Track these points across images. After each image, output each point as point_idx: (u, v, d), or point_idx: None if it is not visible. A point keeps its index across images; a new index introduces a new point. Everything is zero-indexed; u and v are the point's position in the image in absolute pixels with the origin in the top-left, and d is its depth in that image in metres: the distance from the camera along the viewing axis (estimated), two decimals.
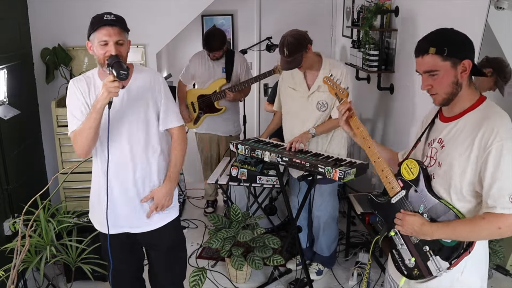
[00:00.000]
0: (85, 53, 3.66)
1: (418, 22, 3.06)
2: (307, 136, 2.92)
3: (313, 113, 2.98)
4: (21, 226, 2.33)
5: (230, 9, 4.99)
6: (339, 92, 2.01)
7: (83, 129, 1.95)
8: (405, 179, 1.73)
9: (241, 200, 3.63)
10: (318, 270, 3.30)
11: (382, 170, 1.78)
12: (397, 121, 3.48)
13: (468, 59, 1.57)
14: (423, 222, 1.64)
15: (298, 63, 2.85)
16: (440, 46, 1.56)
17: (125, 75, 1.82)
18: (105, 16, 1.94)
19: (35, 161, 3.64)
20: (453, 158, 1.59)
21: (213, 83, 3.91)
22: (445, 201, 1.64)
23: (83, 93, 2.03)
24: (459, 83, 1.59)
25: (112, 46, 1.91)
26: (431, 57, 1.58)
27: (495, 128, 1.50)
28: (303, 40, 2.85)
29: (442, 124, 1.69)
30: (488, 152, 1.50)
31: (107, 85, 1.83)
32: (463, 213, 1.62)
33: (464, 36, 1.61)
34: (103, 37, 1.91)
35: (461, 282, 1.64)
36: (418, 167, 1.70)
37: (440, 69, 1.58)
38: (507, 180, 1.49)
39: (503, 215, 1.49)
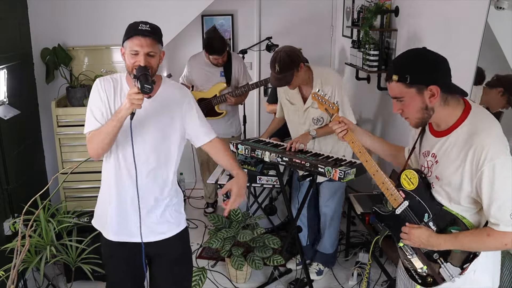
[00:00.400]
0: (85, 53, 3.66)
1: (418, 22, 3.06)
2: (308, 137, 2.92)
3: (311, 127, 3.01)
4: (21, 226, 2.33)
5: (230, 9, 4.98)
6: (329, 108, 2.01)
7: (101, 133, 1.91)
8: (406, 190, 1.72)
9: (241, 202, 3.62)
10: (318, 270, 3.30)
11: (382, 183, 1.78)
12: (397, 121, 3.47)
13: (435, 85, 1.52)
14: (430, 234, 1.64)
15: (287, 81, 2.80)
16: (402, 74, 1.53)
17: (149, 89, 1.77)
18: (140, 26, 1.89)
19: (35, 161, 3.64)
20: (448, 175, 1.59)
21: (213, 87, 3.91)
22: (447, 208, 1.64)
23: (108, 95, 1.98)
24: (428, 107, 1.56)
25: (142, 57, 1.86)
26: (395, 84, 1.56)
27: (485, 146, 1.48)
28: (296, 58, 2.79)
29: (433, 138, 1.67)
30: (480, 173, 1.49)
31: (131, 96, 1.79)
32: (467, 219, 1.62)
33: (433, 59, 1.56)
34: (135, 47, 1.87)
35: (473, 281, 1.64)
36: (417, 177, 1.69)
37: (405, 95, 1.56)
38: (504, 198, 1.48)
39: (506, 232, 1.50)
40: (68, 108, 3.44)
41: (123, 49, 1.94)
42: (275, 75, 2.80)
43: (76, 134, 3.39)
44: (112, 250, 2.13)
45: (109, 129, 1.88)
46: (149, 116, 1.99)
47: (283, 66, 2.75)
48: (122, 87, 2.01)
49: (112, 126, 1.87)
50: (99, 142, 1.92)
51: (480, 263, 1.63)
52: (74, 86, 3.50)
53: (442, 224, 1.64)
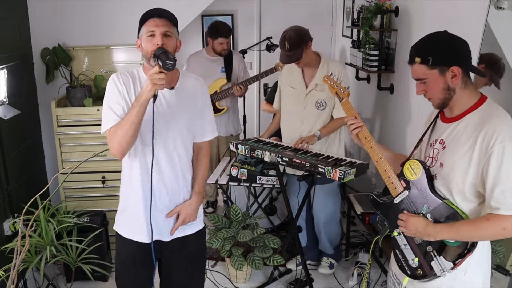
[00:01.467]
0: (85, 53, 3.66)
1: (418, 22, 3.06)
2: (313, 138, 2.95)
3: (312, 112, 3.00)
4: (21, 226, 2.32)
5: (230, 9, 4.98)
6: (340, 92, 2.00)
7: (123, 124, 1.80)
8: (408, 179, 1.73)
9: (241, 200, 3.63)
10: (330, 263, 3.33)
11: (384, 170, 1.78)
12: (397, 121, 3.47)
13: (457, 65, 1.57)
14: (427, 223, 1.64)
15: (298, 57, 2.88)
16: (424, 56, 1.59)
17: (172, 65, 1.71)
18: (153, 11, 1.86)
19: (35, 161, 3.63)
20: (455, 160, 1.60)
21: (214, 83, 3.90)
22: (448, 201, 1.64)
23: (127, 87, 1.89)
24: (450, 88, 1.60)
25: (159, 37, 1.80)
26: (418, 66, 1.61)
27: (496, 129, 1.50)
28: (305, 36, 2.89)
29: (444, 125, 1.69)
30: (489, 154, 1.50)
31: (152, 76, 1.71)
32: (466, 213, 1.62)
33: (453, 41, 1.61)
34: (151, 28, 1.82)
35: (464, 281, 1.64)
36: (421, 167, 1.70)
37: (428, 77, 1.61)
38: (509, 181, 1.49)
39: (507, 216, 1.50)
40: (68, 108, 3.44)
41: (138, 41, 1.89)
42: (286, 52, 2.88)
43: (76, 134, 3.39)
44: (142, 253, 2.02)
45: (132, 117, 1.77)
46: (173, 108, 1.93)
47: (293, 43, 2.85)
48: (140, 79, 1.94)
49: (135, 113, 1.76)
50: (122, 136, 1.80)
51: (471, 264, 1.63)
52: (74, 86, 3.50)
53: (439, 217, 1.65)
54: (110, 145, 1.87)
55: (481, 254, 1.65)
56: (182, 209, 2.05)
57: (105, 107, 1.90)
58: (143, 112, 1.78)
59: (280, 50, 2.94)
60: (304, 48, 2.88)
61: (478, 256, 1.63)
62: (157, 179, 1.94)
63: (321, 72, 2.94)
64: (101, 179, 3.39)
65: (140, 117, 1.78)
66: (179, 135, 1.97)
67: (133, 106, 1.79)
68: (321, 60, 3.01)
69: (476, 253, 1.62)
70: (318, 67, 2.98)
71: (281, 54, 2.94)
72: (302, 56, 2.88)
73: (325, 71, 2.92)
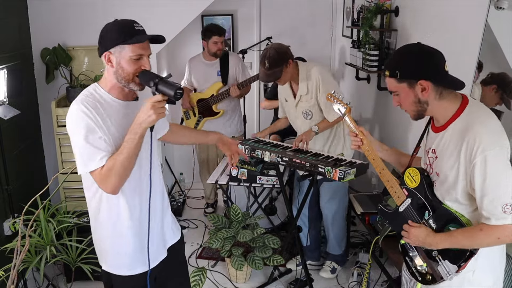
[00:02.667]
0: (85, 53, 3.66)
1: (418, 22, 3.06)
2: (311, 133, 2.96)
3: (303, 122, 3.07)
4: (21, 226, 2.33)
5: (230, 9, 4.98)
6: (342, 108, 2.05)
7: (121, 160, 1.60)
8: (409, 187, 1.75)
9: (241, 200, 3.63)
10: (332, 268, 3.32)
11: (387, 181, 1.81)
12: (397, 121, 3.47)
13: (424, 79, 1.56)
14: (427, 234, 1.66)
15: (276, 77, 2.89)
16: (392, 70, 1.60)
17: (181, 94, 1.55)
18: (136, 26, 1.64)
19: (35, 161, 3.64)
20: (446, 170, 1.61)
21: (211, 87, 3.92)
22: (447, 205, 1.65)
23: (99, 116, 1.65)
24: (422, 101, 1.61)
25: (147, 60, 1.65)
26: (389, 80, 1.64)
27: (476, 138, 1.49)
28: (285, 55, 2.88)
29: (434, 134, 1.70)
30: (473, 165, 1.50)
31: (155, 106, 1.54)
32: (466, 217, 1.63)
33: (422, 54, 1.60)
34: (139, 51, 1.62)
35: (472, 282, 1.65)
36: (419, 175, 1.72)
37: (398, 90, 1.63)
38: (496, 191, 1.49)
39: (499, 226, 1.50)
40: (68, 108, 3.43)
41: (109, 54, 1.64)
42: (265, 70, 2.87)
43: None
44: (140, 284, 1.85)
45: (131, 151, 1.59)
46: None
47: (272, 62, 2.83)
48: (104, 100, 1.70)
49: (134, 146, 1.59)
50: (122, 171, 1.61)
51: (480, 264, 1.63)
52: (74, 86, 3.50)
53: (441, 221, 1.66)
54: (105, 183, 1.64)
55: (492, 253, 1.64)
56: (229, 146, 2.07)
57: (82, 144, 1.62)
58: (141, 143, 1.62)
59: (260, 67, 2.93)
60: (284, 67, 2.86)
61: (487, 255, 1.63)
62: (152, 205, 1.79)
63: (302, 84, 2.97)
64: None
65: (139, 149, 1.62)
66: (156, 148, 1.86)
67: (130, 139, 1.60)
68: (300, 72, 2.97)
69: (485, 253, 1.62)
70: (299, 80, 2.99)
71: (260, 72, 2.93)
72: (280, 76, 2.87)
73: (305, 85, 2.96)
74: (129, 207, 1.77)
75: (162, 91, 1.56)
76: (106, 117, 1.67)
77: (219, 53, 3.88)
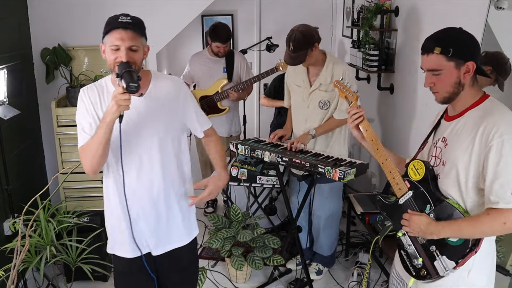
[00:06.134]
0: (85, 53, 3.66)
1: (418, 22, 3.06)
2: (307, 137, 2.92)
3: (315, 111, 2.99)
4: (21, 226, 2.33)
5: (230, 9, 4.98)
6: (349, 96, 2.03)
7: (91, 145, 1.75)
8: (412, 180, 1.75)
9: (241, 200, 3.63)
10: (318, 270, 3.29)
11: (390, 172, 1.79)
12: (397, 121, 3.48)
13: (472, 61, 1.58)
14: (429, 222, 1.65)
15: (301, 60, 2.84)
16: (445, 46, 1.58)
17: (135, 87, 1.60)
18: (120, 18, 1.73)
19: (35, 161, 3.64)
20: (456, 156, 1.61)
21: (215, 84, 3.91)
22: (450, 201, 1.65)
23: (93, 103, 1.81)
24: (461, 83, 1.60)
25: (124, 52, 1.70)
26: (436, 57, 1.60)
27: (496, 123, 1.51)
28: (311, 38, 2.81)
29: (446, 123, 1.71)
30: (489, 148, 1.51)
31: (116, 97, 1.63)
32: (469, 212, 1.63)
33: (471, 38, 1.62)
34: (115, 41, 1.70)
35: (467, 282, 1.64)
36: (424, 167, 1.71)
37: (443, 68, 1.60)
38: (508, 175, 1.49)
39: (507, 210, 1.50)
40: (68, 108, 3.44)
41: (103, 46, 1.77)
42: (290, 53, 2.82)
43: (76, 134, 3.38)
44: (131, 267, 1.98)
45: (99, 138, 1.71)
46: (144, 117, 1.83)
47: (297, 45, 2.77)
48: (108, 90, 1.84)
49: (102, 134, 1.70)
50: (92, 155, 1.75)
51: (475, 265, 1.63)
52: (74, 86, 3.50)
53: (442, 216, 1.65)
54: (82, 162, 1.81)
55: (485, 255, 1.65)
56: (210, 181, 2.01)
57: (77, 124, 1.85)
58: (110, 133, 1.71)
59: (286, 49, 2.88)
60: (309, 51, 2.81)
61: (482, 256, 1.63)
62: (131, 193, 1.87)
63: (325, 73, 2.92)
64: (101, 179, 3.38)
65: (107, 138, 1.72)
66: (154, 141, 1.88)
67: (99, 127, 1.73)
68: (327, 60, 2.95)
69: (480, 254, 1.62)
70: (323, 67, 2.94)
71: (285, 53, 2.88)
72: (305, 59, 2.82)
73: (330, 72, 2.91)
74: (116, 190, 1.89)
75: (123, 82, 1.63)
76: (101, 105, 1.82)
77: (221, 55, 3.88)
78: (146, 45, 1.83)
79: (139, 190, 1.89)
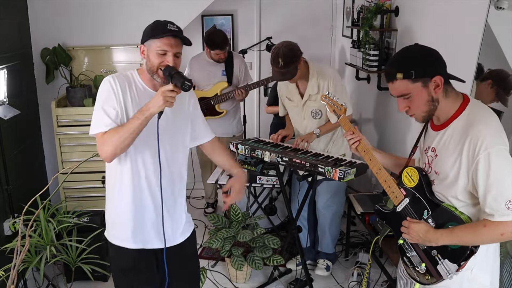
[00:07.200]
0: (85, 53, 3.66)
1: (418, 22, 3.06)
2: (312, 136, 2.96)
3: (310, 121, 3.05)
4: (21, 226, 2.33)
5: (230, 9, 4.98)
6: (337, 109, 2.04)
7: (120, 132, 1.78)
8: (407, 187, 1.75)
9: (241, 200, 3.62)
10: (326, 266, 3.32)
11: (384, 181, 1.80)
12: (397, 121, 3.47)
13: (438, 75, 1.56)
14: (428, 229, 1.65)
15: (292, 74, 2.86)
16: (406, 70, 1.56)
17: (189, 86, 1.74)
18: (169, 26, 1.84)
19: (35, 161, 3.64)
20: (446, 168, 1.61)
21: (214, 86, 3.91)
22: (447, 204, 1.65)
23: (122, 92, 1.87)
24: (434, 99, 1.59)
25: (171, 58, 1.83)
26: (401, 82, 1.59)
27: (480, 136, 1.50)
28: (297, 51, 2.86)
29: (433, 133, 1.70)
30: (476, 163, 1.50)
31: (165, 93, 1.72)
32: (465, 214, 1.63)
33: (430, 52, 1.60)
34: (164, 47, 1.82)
35: (471, 279, 1.64)
36: (417, 174, 1.71)
37: (411, 91, 1.59)
38: (499, 188, 1.49)
39: (502, 222, 1.50)
40: (68, 108, 3.44)
41: (143, 47, 1.88)
42: (279, 70, 2.83)
43: (76, 134, 3.39)
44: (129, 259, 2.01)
45: (133, 128, 1.76)
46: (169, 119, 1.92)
47: (286, 59, 2.79)
48: (136, 84, 1.93)
49: (138, 125, 1.76)
50: (119, 143, 1.78)
51: (477, 262, 1.63)
52: (74, 86, 3.50)
53: (440, 220, 1.65)
54: (102, 148, 1.83)
55: (487, 251, 1.64)
56: (234, 182, 2.07)
57: (97, 108, 1.85)
58: (146, 124, 1.78)
59: (272, 68, 2.89)
60: (297, 64, 2.84)
61: (484, 253, 1.63)
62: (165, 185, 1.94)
63: (312, 82, 2.95)
64: (101, 179, 3.38)
65: (142, 129, 1.78)
66: (179, 142, 2.00)
67: (136, 117, 1.77)
68: (310, 70, 2.96)
69: (482, 251, 1.62)
70: (309, 79, 2.97)
71: (274, 72, 2.89)
72: (296, 72, 2.85)
73: (315, 83, 2.95)
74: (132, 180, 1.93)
75: (175, 81, 1.76)
76: (129, 96, 1.88)
77: (221, 61, 3.88)
78: None
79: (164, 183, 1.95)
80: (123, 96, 1.86)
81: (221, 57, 3.85)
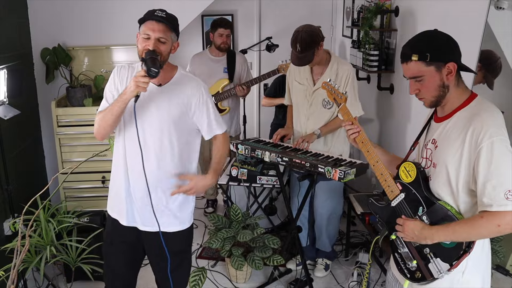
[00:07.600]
0: (85, 53, 3.66)
1: (418, 22, 3.06)
2: (313, 136, 2.95)
3: (318, 110, 3.00)
4: (21, 226, 2.33)
5: (230, 9, 4.98)
6: (337, 97, 2.02)
7: (106, 112, 1.97)
8: (404, 182, 1.74)
9: (241, 200, 3.63)
10: (325, 265, 3.32)
11: (381, 174, 1.79)
12: (397, 121, 3.48)
13: (453, 61, 1.57)
14: (423, 227, 1.64)
15: (309, 60, 2.85)
16: (422, 52, 1.57)
17: (155, 73, 1.80)
18: (156, 12, 1.93)
19: (35, 161, 3.64)
20: (447, 158, 1.60)
21: (216, 83, 3.91)
22: (443, 202, 1.64)
23: (121, 79, 2.04)
24: (445, 85, 1.60)
25: (152, 41, 1.89)
26: (415, 64, 1.59)
27: (484, 125, 1.50)
28: (316, 37, 2.84)
29: (436, 125, 1.70)
30: (479, 151, 1.50)
31: (137, 78, 1.83)
32: (461, 214, 1.62)
33: (447, 38, 1.61)
34: (147, 31, 1.90)
35: (462, 283, 1.64)
36: (415, 169, 1.70)
37: (424, 74, 1.59)
38: (500, 177, 1.48)
39: (500, 212, 1.49)
40: (68, 108, 3.44)
41: (138, 35, 1.97)
42: (297, 54, 2.83)
43: (76, 134, 3.39)
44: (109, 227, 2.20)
45: (113, 110, 1.93)
46: (155, 103, 2.00)
47: (304, 45, 2.79)
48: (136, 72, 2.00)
49: (117, 107, 1.91)
50: (103, 123, 1.97)
51: (469, 265, 1.63)
52: (74, 86, 3.50)
53: (435, 218, 1.64)
54: (95, 126, 2.03)
55: (480, 254, 1.64)
56: (193, 179, 2.08)
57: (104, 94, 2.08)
58: (123, 108, 1.92)
59: (291, 50, 2.89)
60: (316, 50, 2.83)
61: (476, 257, 1.63)
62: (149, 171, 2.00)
63: (330, 72, 2.93)
64: (101, 179, 3.39)
65: (120, 112, 1.93)
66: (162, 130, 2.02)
67: (116, 100, 1.93)
68: (331, 60, 2.96)
69: (474, 254, 1.61)
70: (327, 66, 2.95)
71: (292, 55, 2.89)
72: (313, 59, 2.85)
73: (334, 72, 2.92)
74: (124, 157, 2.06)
75: (145, 67, 1.84)
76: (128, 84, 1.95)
77: (223, 46, 3.87)
78: (177, 41, 2.02)
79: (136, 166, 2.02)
80: (120, 83, 2.03)
81: (224, 40, 3.84)
